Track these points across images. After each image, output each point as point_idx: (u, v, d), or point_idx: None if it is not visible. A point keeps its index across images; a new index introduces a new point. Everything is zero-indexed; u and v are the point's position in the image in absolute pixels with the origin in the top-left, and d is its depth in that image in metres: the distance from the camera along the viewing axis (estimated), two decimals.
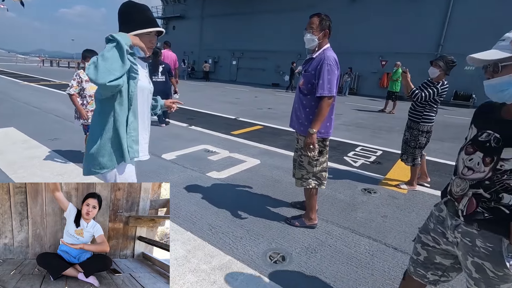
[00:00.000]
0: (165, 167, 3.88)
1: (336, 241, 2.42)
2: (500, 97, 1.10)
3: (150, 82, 1.72)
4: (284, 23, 21.19)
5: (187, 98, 11.43)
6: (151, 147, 4.74)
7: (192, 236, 2.36)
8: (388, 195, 3.40)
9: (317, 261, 2.15)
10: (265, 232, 2.48)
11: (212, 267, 2.01)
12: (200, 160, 4.25)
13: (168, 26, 30.76)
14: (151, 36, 1.59)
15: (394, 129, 7.65)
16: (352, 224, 2.71)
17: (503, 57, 1.05)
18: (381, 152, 5.27)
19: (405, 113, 10.56)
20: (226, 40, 25.34)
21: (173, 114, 7.86)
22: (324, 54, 2.31)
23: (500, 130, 1.10)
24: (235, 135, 5.95)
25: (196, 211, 2.79)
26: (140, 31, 1.53)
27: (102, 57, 1.33)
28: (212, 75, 25.15)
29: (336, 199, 3.22)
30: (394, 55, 16.93)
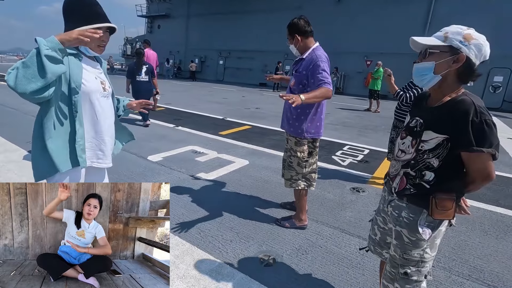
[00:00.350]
0: (151, 169, 3.78)
1: (326, 241, 2.41)
2: (420, 81, 1.24)
3: (104, 82, 1.60)
4: (271, 23, 21.21)
5: (173, 98, 11.26)
6: (137, 149, 4.64)
7: (180, 241, 2.29)
8: (376, 193, 3.42)
9: (308, 262, 2.12)
10: (255, 235, 2.44)
11: (201, 272, 1.95)
12: (188, 161, 4.16)
13: (153, 25, 30.26)
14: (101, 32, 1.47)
15: (380, 128, 7.78)
16: (342, 224, 2.70)
17: (433, 44, 1.18)
18: (368, 151, 5.33)
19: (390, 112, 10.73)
20: (212, 40, 25.14)
21: (159, 114, 7.71)
22: (315, 53, 2.30)
23: (424, 116, 1.25)
24: (223, 135, 5.88)
25: (184, 214, 2.71)
26: (86, 28, 1.41)
27: (22, 63, 1.23)
28: (198, 74, 24.89)
29: (325, 198, 3.22)
30: (379, 55, 17.25)
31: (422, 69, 1.21)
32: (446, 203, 1.17)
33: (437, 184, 1.20)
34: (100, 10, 1.50)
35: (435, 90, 1.24)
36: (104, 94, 1.59)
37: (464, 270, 2.13)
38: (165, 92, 13.30)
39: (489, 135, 1.10)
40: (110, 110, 1.66)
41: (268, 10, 21.37)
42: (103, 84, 1.58)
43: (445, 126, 1.16)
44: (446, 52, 1.16)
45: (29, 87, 1.23)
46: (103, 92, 1.58)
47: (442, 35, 1.18)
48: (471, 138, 1.10)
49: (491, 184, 3.91)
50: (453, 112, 1.14)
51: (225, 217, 2.69)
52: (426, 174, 1.22)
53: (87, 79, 1.49)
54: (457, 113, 1.13)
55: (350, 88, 18.66)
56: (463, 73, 1.17)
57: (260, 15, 21.99)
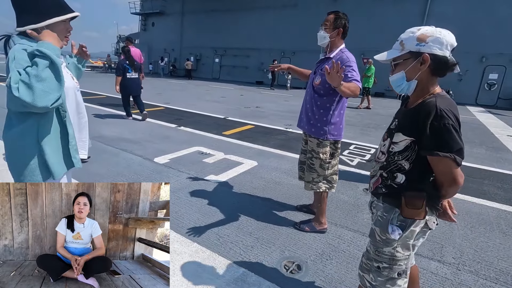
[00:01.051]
0: (159, 172, 3.68)
1: (348, 245, 2.36)
2: (400, 91, 1.27)
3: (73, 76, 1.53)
4: (267, 20, 21.11)
5: (171, 98, 11.10)
6: (141, 150, 4.54)
7: (200, 248, 2.21)
8: None
9: (334, 268, 2.07)
10: (275, 240, 2.38)
11: (227, 281, 1.88)
12: (195, 163, 4.07)
13: (147, 23, 29.83)
14: (67, 23, 1.39)
15: (382, 126, 7.78)
16: (361, 226, 2.66)
17: (394, 56, 1.22)
18: (374, 150, 5.30)
19: (389, 110, 10.84)
20: (208, 37, 24.90)
21: (159, 114, 7.58)
22: (345, 54, 2.24)
23: (399, 118, 1.30)
24: (227, 135, 5.79)
25: (200, 219, 2.63)
26: (56, 19, 1.31)
27: (36, 78, 1.15)
28: (194, 73, 24.65)
29: (340, 200, 3.17)
30: (375, 52, 16.90)
31: (396, 80, 1.25)
32: (415, 202, 1.18)
33: (407, 186, 1.23)
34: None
35: (413, 94, 1.26)
36: (78, 88, 1.55)
37: (491, 273, 2.11)
38: (162, 91, 13.14)
39: (448, 139, 1.10)
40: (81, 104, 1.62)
41: (264, 7, 21.23)
42: (73, 79, 1.53)
43: (411, 129, 1.19)
44: (410, 58, 1.19)
45: (49, 100, 1.19)
46: (77, 86, 1.53)
47: (399, 44, 1.22)
48: (431, 141, 1.12)
49: (502, 183, 3.94)
50: (417, 115, 1.16)
51: (242, 222, 2.62)
52: (397, 176, 1.25)
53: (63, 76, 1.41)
54: (420, 115, 1.14)
55: None
56: (437, 69, 1.17)
57: (256, 13, 21.83)
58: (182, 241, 2.28)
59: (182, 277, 1.88)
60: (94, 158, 3.91)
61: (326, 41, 2.28)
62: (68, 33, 1.40)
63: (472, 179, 4.00)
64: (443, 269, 2.13)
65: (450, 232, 2.63)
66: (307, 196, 3.22)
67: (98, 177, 3.41)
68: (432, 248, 2.37)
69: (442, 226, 2.72)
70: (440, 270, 2.11)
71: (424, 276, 2.04)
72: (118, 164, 3.87)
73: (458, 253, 2.34)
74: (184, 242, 2.27)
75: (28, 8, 1.28)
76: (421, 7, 15.77)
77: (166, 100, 10.29)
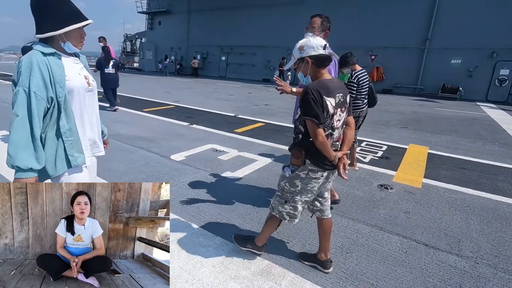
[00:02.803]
0: (177, 169, 3.78)
1: (367, 239, 2.42)
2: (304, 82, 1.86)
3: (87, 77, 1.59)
4: (274, 18, 21.06)
5: (180, 96, 11.23)
6: (157, 148, 4.66)
7: (224, 241, 2.30)
8: (405, 190, 3.43)
9: (355, 261, 2.14)
10: (295, 234, 2.45)
11: (253, 272, 1.97)
12: (211, 160, 4.16)
13: (154, 21, 29.97)
14: (81, 29, 1.49)
15: (392, 123, 7.77)
16: (378, 221, 2.71)
17: (293, 63, 1.82)
18: (386, 147, 5.32)
19: (398, 106, 10.77)
20: (214, 36, 24.94)
21: (171, 112, 7.70)
22: None
23: None
24: (239, 133, 5.87)
25: (221, 214, 2.72)
26: (73, 27, 1.42)
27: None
28: (201, 71, 24.74)
29: (356, 196, 3.23)
30: (383, 49, 17.20)
31: (300, 77, 1.87)
32: (296, 153, 1.79)
33: (300, 143, 1.78)
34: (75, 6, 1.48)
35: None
36: (89, 89, 1.60)
37: (509, 267, 2.15)
38: (171, 90, 13.27)
39: (309, 107, 1.64)
40: (96, 105, 1.68)
41: (270, 4, 21.17)
42: (87, 79, 1.58)
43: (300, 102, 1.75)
44: (301, 62, 1.78)
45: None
46: (88, 87, 1.58)
47: (292, 55, 1.82)
48: (301, 109, 1.70)
49: None
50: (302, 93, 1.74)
51: (262, 217, 2.70)
52: (299, 136, 1.80)
53: (70, 76, 1.48)
54: (302, 93, 1.71)
55: None
56: (318, 63, 1.74)
57: (262, 10, 21.78)
58: (205, 235, 2.37)
59: (211, 268, 1.97)
60: (112, 156, 4.02)
61: None
62: (82, 38, 1.51)
63: (486, 176, 4.01)
64: (461, 263, 2.18)
65: (466, 227, 2.67)
66: None
67: (118, 174, 3.53)
68: (450, 242, 2.42)
69: (458, 221, 2.77)
70: (458, 264, 2.16)
71: (443, 269, 2.09)
72: (136, 161, 3.98)
73: (475, 247, 2.38)
74: (208, 235, 2.36)
75: (47, 17, 1.39)
76: (430, 3, 15.56)
77: (175, 98, 10.41)
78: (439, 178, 3.87)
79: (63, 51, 1.49)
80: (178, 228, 2.43)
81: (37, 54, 1.37)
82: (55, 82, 1.40)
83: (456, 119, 8.94)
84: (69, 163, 1.49)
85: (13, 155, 1.30)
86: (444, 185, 3.65)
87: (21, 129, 1.32)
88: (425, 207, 3.03)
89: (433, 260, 2.19)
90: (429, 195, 3.33)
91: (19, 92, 1.32)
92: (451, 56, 15.49)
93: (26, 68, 1.34)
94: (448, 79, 15.35)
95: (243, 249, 2.13)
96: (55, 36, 1.42)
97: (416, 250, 2.30)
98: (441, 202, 3.17)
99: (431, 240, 2.44)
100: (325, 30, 2.51)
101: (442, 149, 5.37)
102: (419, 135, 6.49)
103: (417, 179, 3.78)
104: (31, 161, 1.33)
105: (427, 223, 2.71)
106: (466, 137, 6.47)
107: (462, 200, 3.25)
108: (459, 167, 4.36)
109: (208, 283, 1.85)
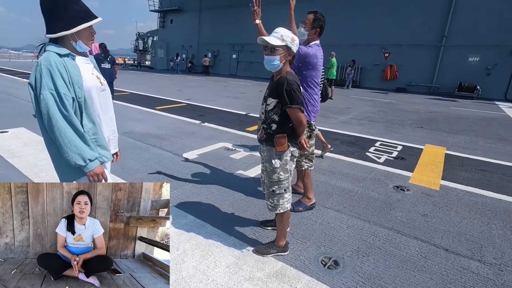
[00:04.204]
0: (189, 167, 3.78)
1: (384, 243, 2.35)
2: (271, 68, 1.90)
3: (99, 77, 1.60)
4: (285, 14, 20.83)
5: (192, 94, 11.28)
6: (170, 146, 4.67)
7: (237, 241, 2.28)
8: (422, 192, 3.33)
9: (372, 265, 2.08)
10: (310, 235, 2.41)
11: (267, 274, 1.94)
12: (223, 159, 4.15)
13: (166, 20, 30.22)
14: (91, 28, 1.49)
15: (407, 122, 7.59)
16: (395, 224, 2.64)
17: (278, 44, 1.83)
18: (401, 147, 5.19)
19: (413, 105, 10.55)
20: (225, 33, 24.94)
21: (182, 110, 7.74)
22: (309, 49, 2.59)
23: (269, 88, 1.99)
24: (251, 131, 5.84)
25: (234, 213, 2.70)
26: (83, 26, 1.42)
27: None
28: (211, 69, 24.82)
29: (371, 198, 3.15)
30: (397, 46, 16.82)
31: (271, 60, 1.86)
32: (280, 140, 1.89)
33: (277, 131, 1.90)
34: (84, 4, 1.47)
35: (276, 72, 1.93)
36: (102, 88, 1.60)
37: None
38: (182, 88, 13.37)
39: (295, 97, 1.82)
40: (109, 103, 1.68)
41: (281, 2, 20.95)
42: (99, 79, 1.59)
43: (276, 93, 1.87)
44: (284, 49, 1.85)
45: None
46: (101, 87, 1.58)
47: (279, 36, 1.83)
48: (286, 99, 1.82)
49: None
50: (278, 85, 1.86)
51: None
52: (272, 126, 1.92)
53: (85, 77, 1.49)
54: (279, 85, 1.84)
55: (367, 81, 18.25)
56: (291, 59, 1.93)
57: (273, 7, 21.57)
58: (219, 235, 2.35)
59: (225, 269, 1.96)
60: (126, 153, 4.06)
61: (305, 38, 2.60)
62: (92, 37, 1.51)
63: (508, 178, 3.86)
64: (484, 269, 2.09)
65: (488, 232, 2.57)
66: (337, 193, 3.22)
67: (131, 171, 3.55)
68: (471, 248, 2.33)
69: (480, 226, 2.66)
70: (481, 270, 2.08)
71: (465, 276, 2.01)
72: (149, 159, 4.00)
73: (498, 253, 2.28)
74: (221, 235, 2.35)
75: (59, 16, 1.38)
76: None
77: (187, 96, 10.47)
78: (457, 180, 3.74)
79: (75, 50, 1.49)
80: (192, 228, 2.42)
81: (54, 56, 1.37)
82: (73, 83, 1.40)
83: (474, 118, 8.66)
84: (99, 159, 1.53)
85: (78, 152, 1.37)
86: (463, 187, 3.52)
87: (68, 129, 1.35)
88: (444, 210, 2.93)
89: (454, 266, 2.11)
90: (447, 198, 3.22)
91: (47, 96, 1.32)
92: (469, 54, 15.01)
93: (47, 71, 1.33)
94: (465, 77, 14.88)
95: (268, 256, 2.10)
96: (66, 35, 1.42)
97: (435, 255, 2.22)
98: (460, 205, 3.06)
99: (451, 245, 2.35)
100: (316, 27, 2.59)
101: (460, 149, 5.20)
102: (435, 135, 6.31)
103: (435, 181, 3.67)
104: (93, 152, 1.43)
105: (446, 227, 2.62)
106: (486, 137, 6.25)
107: (482, 203, 3.13)
108: (478, 168, 4.20)
109: (223, 284, 1.83)
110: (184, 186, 3.21)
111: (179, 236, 2.29)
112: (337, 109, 9.32)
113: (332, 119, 7.61)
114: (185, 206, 2.78)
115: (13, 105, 7.30)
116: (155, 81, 16.74)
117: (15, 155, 3.88)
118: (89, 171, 1.43)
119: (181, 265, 1.97)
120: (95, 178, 1.47)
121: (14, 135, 4.77)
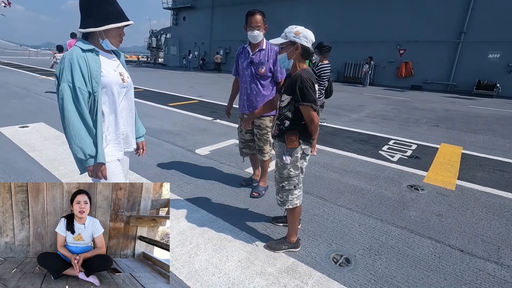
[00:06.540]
0: (202, 163, 3.83)
1: (397, 242, 2.33)
2: (284, 65, 1.94)
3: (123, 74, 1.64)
4: (298, 11, 20.68)
5: (204, 91, 11.37)
6: (182, 142, 4.74)
7: (249, 236, 2.30)
8: (437, 192, 3.27)
9: (384, 264, 2.06)
10: (321, 233, 2.41)
11: (278, 269, 1.95)
12: (234, 155, 4.18)
13: (178, 17, 30.46)
14: (121, 29, 1.54)
15: (422, 121, 7.42)
16: (408, 223, 2.60)
17: (281, 42, 1.88)
18: (416, 146, 5.09)
19: (428, 103, 10.28)
20: (237, 31, 24.85)
21: (194, 107, 7.81)
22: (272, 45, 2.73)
23: (284, 85, 2.00)
24: None
25: (246, 209, 2.73)
26: (112, 26, 1.48)
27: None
28: (223, 66, 24.90)
29: (384, 196, 3.12)
30: (413, 43, 16.42)
31: (281, 58, 1.92)
32: (291, 137, 1.91)
33: (289, 128, 1.93)
34: (119, 7, 1.53)
35: (292, 69, 1.95)
36: (124, 85, 1.64)
37: None
38: (194, 85, 13.49)
39: (307, 95, 1.82)
40: (130, 101, 1.72)
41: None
42: (121, 76, 1.63)
43: (290, 90, 1.89)
44: (290, 45, 1.87)
45: None
46: (122, 84, 1.62)
47: (283, 34, 1.87)
48: (299, 96, 1.83)
49: None
50: (292, 82, 1.87)
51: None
52: (286, 122, 1.95)
53: (106, 72, 1.54)
54: (293, 82, 1.86)
55: (381, 78, 17.89)
56: (303, 53, 1.90)
57: (286, 4, 21.46)
58: (231, 229, 2.39)
59: (237, 263, 1.99)
60: None
61: (261, 39, 2.76)
62: (121, 38, 1.57)
63: None
64: (501, 271, 2.04)
65: (506, 234, 2.50)
66: (349, 191, 3.20)
67: (146, 166, 3.63)
68: (487, 249, 2.28)
69: (497, 227, 2.60)
70: (498, 272, 2.03)
71: (481, 277, 1.97)
72: (163, 155, 4.08)
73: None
74: (234, 230, 2.38)
75: (91, 14, 1.47)
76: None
77: (199, 93, 10.56)
78: (474, 180, 3.64)
79: (101, 47, 1.56)
80: (205, 222, 2.46)
81: (77, 50, 1.46)
82: (92, 77, 1.46)
83: (493, 117, 8.37)
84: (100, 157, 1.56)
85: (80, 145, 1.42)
86: (480, 187, 3.43)
87: (77, 122, 1.41)
88: (459, 211, 2.87)
89: (469, 267, 2.07)
90: (463, 198, 3.15)
91: (64, 88, 1.40)
92: (489, 50, 14.47)
93: (68, 64, 1.42)
94: (484, 75, 14.39)
95: (279, 252, 2.12)
96: (95, 32, 1.50)
97: (450, 256, 2.18)
98: (477, 206, 2.98)
99: (466, 246, 2.30)
100: (265, 25, 2.76)
101: (478, 149, 5.05)
102: (452, 134, 6.15)
103: (450, 181, 3.58)
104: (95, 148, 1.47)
105: (462, 228, 2.57)
106: (505, 137, 6.05)
107: (501, 204, 3.04)
108: (497, 169, 4.08)
109: (235, 277, 1.86)
110: (196, 182, 3.26)
111: (192, 230, 2.34)
112: (350, 106, 9.19)
113: (345, 117, 7.53)
114: (197, 201, 2.83)
115: (33, 101, 7.56)
116: (168, 78, 16.95)
117: (36, 149, 4.02)
118: (89, 166, 1.48)
119: (194, 258, 2.02)
120: (93, 175, 1.52)
121: (34, 130, 4.94)
